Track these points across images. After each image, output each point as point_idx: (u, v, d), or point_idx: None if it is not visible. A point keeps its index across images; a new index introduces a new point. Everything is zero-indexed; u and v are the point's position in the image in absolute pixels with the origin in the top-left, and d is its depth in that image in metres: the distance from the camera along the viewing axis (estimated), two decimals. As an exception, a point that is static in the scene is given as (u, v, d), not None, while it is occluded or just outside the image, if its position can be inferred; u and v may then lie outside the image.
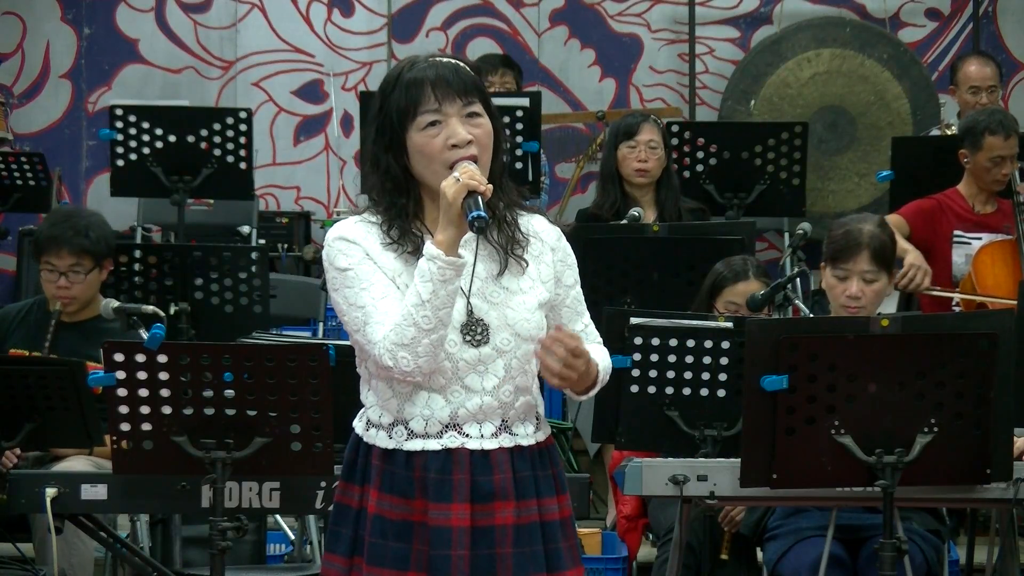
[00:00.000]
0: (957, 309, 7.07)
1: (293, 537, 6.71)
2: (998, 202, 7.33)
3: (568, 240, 3.73)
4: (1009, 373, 4.47)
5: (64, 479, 4.94)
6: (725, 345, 5.22)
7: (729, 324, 5.26)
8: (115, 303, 5.85)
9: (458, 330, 3.55)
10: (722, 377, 5.23)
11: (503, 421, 3.59)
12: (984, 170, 7.23)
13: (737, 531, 5.55)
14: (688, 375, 5.21)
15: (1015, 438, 4.68)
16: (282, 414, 4.74)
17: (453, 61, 3.61)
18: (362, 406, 3.66)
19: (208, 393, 4.74)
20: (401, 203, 3.59)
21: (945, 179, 7.38)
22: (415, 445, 3.56)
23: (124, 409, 4.78)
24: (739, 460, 4.55)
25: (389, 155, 3.59)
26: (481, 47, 9.90)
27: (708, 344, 5.22)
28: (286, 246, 9.32)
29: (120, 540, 5.31)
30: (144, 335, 5.35)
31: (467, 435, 3.57)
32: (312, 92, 10.08)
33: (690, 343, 5.20)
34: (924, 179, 7.52)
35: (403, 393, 3.57)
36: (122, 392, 4.77)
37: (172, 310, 6.39)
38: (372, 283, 3.55)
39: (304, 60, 10.08)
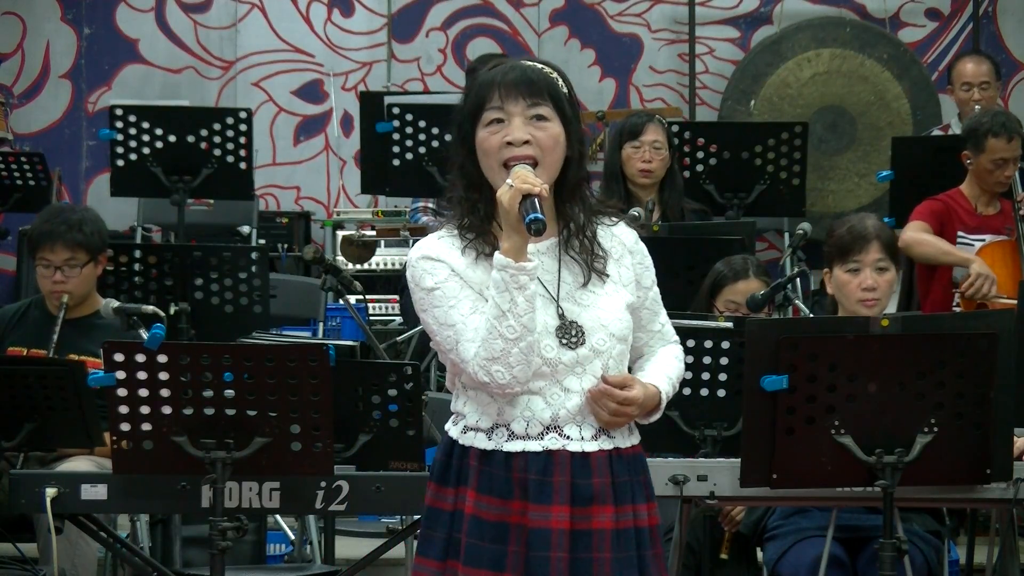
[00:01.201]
0: (957, 309, 7.08)
1: (293, 537, 6.71)
2: (1000, 203, 7.33)
3: None
4: (1009, 373, 4.47)
5: (64, 479, 4.93)
6: (725, 345, 5.21)
7: (729, 324, 5.26)
8: (115, 303, 5.85)
9: (553, 334, 3.57)
10: (722, 377, 5.23)
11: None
12: (987, 172, 7.22)
13: (737, 531, 5.55)
14: (688, 375, 5.21)
15: (1015, 438, 4.68)
16: (282, 414, 4.74)
17: (536, 64, 3.64)
18: (450, 413, 3.69)
19: (208, 393, 4.74)
20: (474, 198, 3.62)
21: (945, 179, 7.38)
22: (515, 446, 3.58)
23: (124, 409, 4.77)
24: (739, 460, 4.55)
25: (463, 151, 3.64)
26: (481, 47, 9.90)
27: (708, 344, 5.22)
28: (286, 246, 9.33)
29: (120, 540, 5.31)
30: (144, 335, 5.35)
31: (568, 437, 3.59)
32: (312, 92, 10.08)
33: (690, 343, 5.19)
34: (924, 179, 7.52)
35: (503, 398, 3.58)
36: (122, 392, 4.77)
37: (172, 310, 6.38)
38: (460, 299, 3.57)
39: (304, 60, 10.08)
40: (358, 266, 8.80)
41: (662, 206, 7.36)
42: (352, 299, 6.47)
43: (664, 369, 3.71)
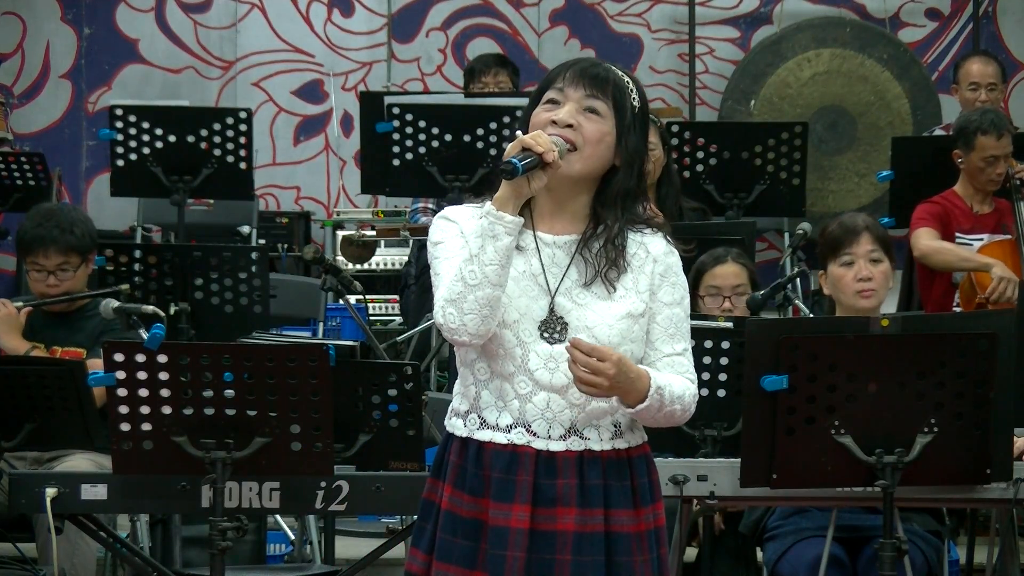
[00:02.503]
0: (957, 309, 7.08)
1: (293, 537, 6.71)
2: (995, 202, 7.33)
3: None
4: (1009, 373, 4.47)
5: (64, 479, 4.93)
6: (725, 345, 5.22)
7: (729, 324, 5.26)
8: (115, 303, 5.85)
9: (536, 324, 3.58)
10: (722, 377, 5.23)
11: (572, 423, 3.59)
12: (978, 170, 7.23)
13: (736, 530, 5.55)
14: (689, 375, 5.20)
15: (1015, 438, 4.68)
16: (282, 414, 4.74)
17: (615, 68, 3.70)
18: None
19: (208, 393, 4.74)
20: None
21: (945, 179, 7.39)
22: (485, 435, 3.59)
23: (124, 409, 4.77)
24: (739, 460, 4.55)
25: (526, 127, 3.66)
26: (481, 47, 9.90)
27: (708, 344, 5.22)
28: (286, 246, 9.33)
29: (120, 540, 5.31)
30: (144, 335, 5.35)
31: (534, 434, 3.58)
32: (312, 92, 10.08)
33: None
34: (924, 179, 7.53)
35: (481, 380, 3.60)
36: (122, 392, 4.77)
37: (172, 310, 6.39)
38: (455, 256, 3.59)
39: (304, 60, 10.08)
40: (358, 266, 8.80)
41: (659, 205, 7.35)
42: (352, 299, 6.47)
43: (666, 377, 3.62)
